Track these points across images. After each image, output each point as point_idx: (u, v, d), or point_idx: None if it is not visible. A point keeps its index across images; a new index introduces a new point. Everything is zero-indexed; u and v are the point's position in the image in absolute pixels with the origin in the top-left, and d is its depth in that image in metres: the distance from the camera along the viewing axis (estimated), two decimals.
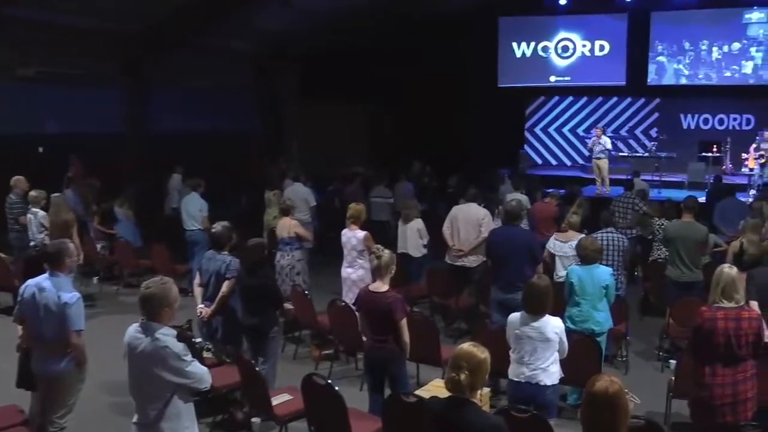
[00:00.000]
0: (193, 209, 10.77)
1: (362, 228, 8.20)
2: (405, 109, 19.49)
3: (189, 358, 4.04)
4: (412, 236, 9.54)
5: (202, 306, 6.65)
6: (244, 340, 6.62)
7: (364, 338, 6.05)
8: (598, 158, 16.64)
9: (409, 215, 9.59)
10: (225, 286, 6.52)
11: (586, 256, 6.73)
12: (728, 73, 19.53)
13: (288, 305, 7.62)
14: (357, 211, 8.18)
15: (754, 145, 15.67)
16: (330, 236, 10.77)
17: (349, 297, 7.97)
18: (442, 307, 9.33)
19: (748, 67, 19.41)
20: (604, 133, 17.01)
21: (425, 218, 10.70)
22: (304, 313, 7.98)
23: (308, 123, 18.93)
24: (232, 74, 17.19)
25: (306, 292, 8.08)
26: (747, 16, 19.07)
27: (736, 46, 19.46)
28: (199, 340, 4.31)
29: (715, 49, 19.63)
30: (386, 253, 5.72)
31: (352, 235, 8.13)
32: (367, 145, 20.46)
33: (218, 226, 6.77)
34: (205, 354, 4.33)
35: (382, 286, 5.66)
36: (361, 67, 18.05)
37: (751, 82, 19.19)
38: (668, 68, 19.98)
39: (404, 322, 5.58)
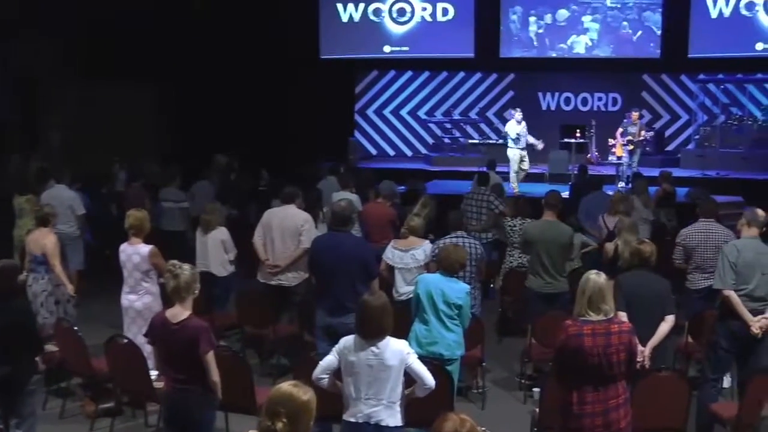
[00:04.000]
0: None
1: (147, 241, 7.99)
2: (206, 90, 19.21)
3: None
4: (215, 249, 9.43)
5: None
6: None
7: (157, 384, 5.90)
8: (523, 148, 16.88)
9: (211, 222, 9.46)
10: None
11: (444, 260, 6.96)
12: (553, 54, 20.77)
13: (50, 346, 7.26)
14: (138, 220, 7.95)
15: (620, 129, 16.71)
16: (107, 253, 10.42)
17: (132, 331, 7.75)
18: (256, 339, 9.26)
19: (580, 45, 20.66)
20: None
21: (234, 226, 10.58)
22: (72, 355, 7.66)
23: (77, 108, 18.21)
24: None
25: (75, 327, 7.75)
26: None
27: (563, 14, 20.59)
28: None
29: (532, 19, 20.75)
30: (185, 270, 5.63)
31: (134, 251, 7.89)
32: (156, 135, 19.98)
33: None
34: None
35: (182, 312, 5.58)
36: (148, 40, 17.62)
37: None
38: (522, 37, 21.02)
39: (212, 355, 5.53)
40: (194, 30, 18.65)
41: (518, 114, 17.00)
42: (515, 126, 16.91)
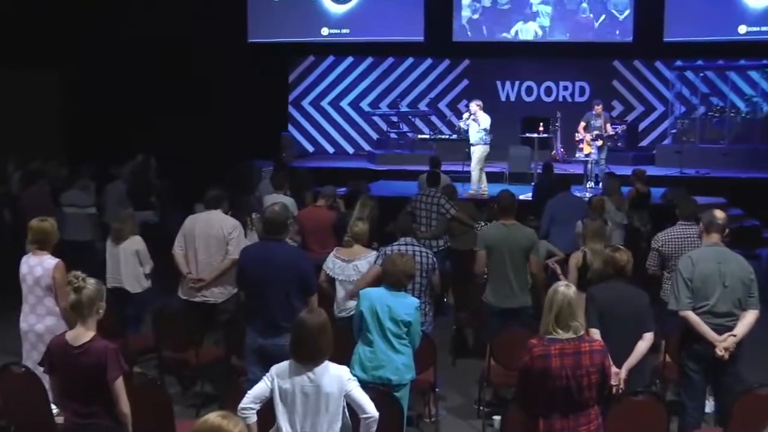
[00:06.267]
0: None
1: (55, 254, 7.85)
2: (116, 79, 19.00)
3: None
4: (129, 262, 9.36)
5: None
6: None
7: (59, 419, 5.80)
8: (474, 144, 16.73)
9: (123, 231, 9.39)
10: None
11: (390, 271, 6.95)
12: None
13: None
14: (41, 232, 7.79)
15: (583, 124, 16.83)
16: None
17: (33, 358, 7.61)
18: (177, 364, 9.18)
19: (528, 34, 20.75)
20: (481, 107, 16.87)
21: (151, 235, 10.49)
22: None
23: None
24: None
25: None
26: None
27: None
28: None
29: (466, 1, 20.83)
30: (90, 284, 5.58)
31: (38, 263, 7.75)
32: (60, 128, 19.72)
33: None
34: None
35: (84, 334, 5.53)
36: (49, 20, 17.39)
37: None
38: (454, 25, 21.10)
39: (121, 382, 5.50)
40: (103, 10, 18.43)
41: (472, 105, 16.91)
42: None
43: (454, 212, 11.40)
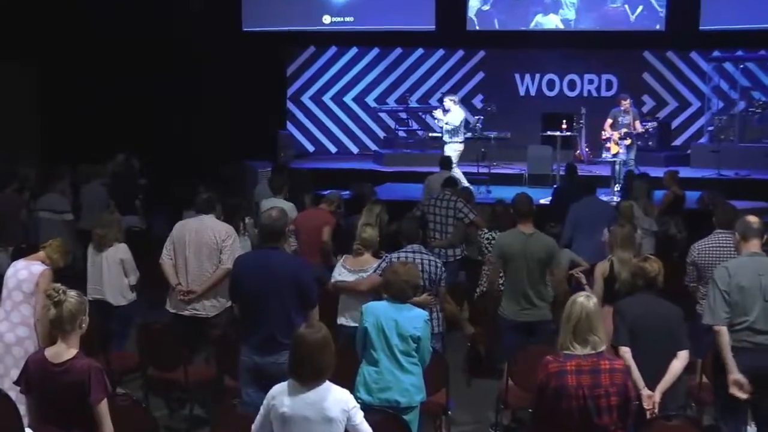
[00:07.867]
0: None
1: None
2: (100, 72, 19.03)
3: None
4: (112, 272, 9.35)
5: None
6: None
7: None
8: (446, 142, 16.88)
9: (106, 238, 9.38)
10: None
11: (392, 282, 6.95)
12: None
13: None
14: (59, 248, 7.90)
15: (609, 121, 16.76)
16: None
17: None
18: (164, 384, 9.19)
19: (549, 25, 20.70)
20: (455, 102, 17.08)
21: (136, 242, 10.51)
22: None
23: None
24: None
25: None
26: None
27: None
28: None
29: None
30: (71, 297, 5.60)
31: (24, 266, 7.77)
32: (36, 126, 19.76)
33: None
34: None
35: (66, 351, 5.54)
36: (22, 10, 17.45)
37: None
38: (488, 10, 21.12)
39: (105, 404, 5.51)
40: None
41: (446, 100, 17.13)
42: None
43: (474, 217, 11.35)
